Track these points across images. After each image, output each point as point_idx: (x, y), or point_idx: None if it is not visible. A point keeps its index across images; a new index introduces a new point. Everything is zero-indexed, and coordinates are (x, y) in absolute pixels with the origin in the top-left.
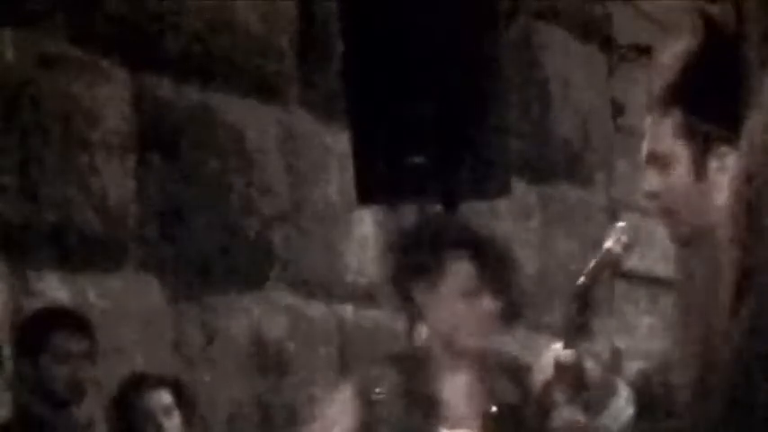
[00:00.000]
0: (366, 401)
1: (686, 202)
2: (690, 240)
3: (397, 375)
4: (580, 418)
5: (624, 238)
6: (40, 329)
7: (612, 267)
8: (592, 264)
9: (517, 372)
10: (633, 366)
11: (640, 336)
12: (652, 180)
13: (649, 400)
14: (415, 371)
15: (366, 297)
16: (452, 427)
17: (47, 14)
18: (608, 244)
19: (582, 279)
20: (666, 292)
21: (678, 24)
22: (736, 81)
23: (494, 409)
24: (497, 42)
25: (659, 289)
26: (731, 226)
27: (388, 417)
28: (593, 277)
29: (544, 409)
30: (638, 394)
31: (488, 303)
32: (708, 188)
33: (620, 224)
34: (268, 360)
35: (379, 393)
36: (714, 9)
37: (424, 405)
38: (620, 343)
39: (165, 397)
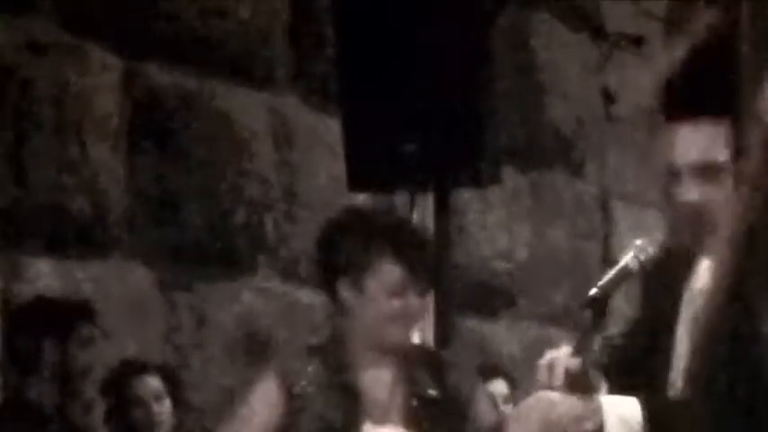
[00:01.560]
0: (288, 393)
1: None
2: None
3: (320, 367)
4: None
5: (642, 256)
6: (39, 315)
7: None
8: (607, 276)
9: (437, 366)
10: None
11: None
12: (692, 190)
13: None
14: (337, 363)
15: None
16: (376, 420)
17: (38, 0)
18: (625, 260)
19: (595, 290)
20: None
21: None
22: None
23: (414, 402)
24: (489, 30)
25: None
26: (735, 229)
27: (311, 409)
28: (608, 290)
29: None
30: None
31: (414, 301)
32: None
33: (639, 242)
34: (258, 347)
35: (301, 385)
36: (713, 14)
37: (347, 398)
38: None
39: (154, 383)
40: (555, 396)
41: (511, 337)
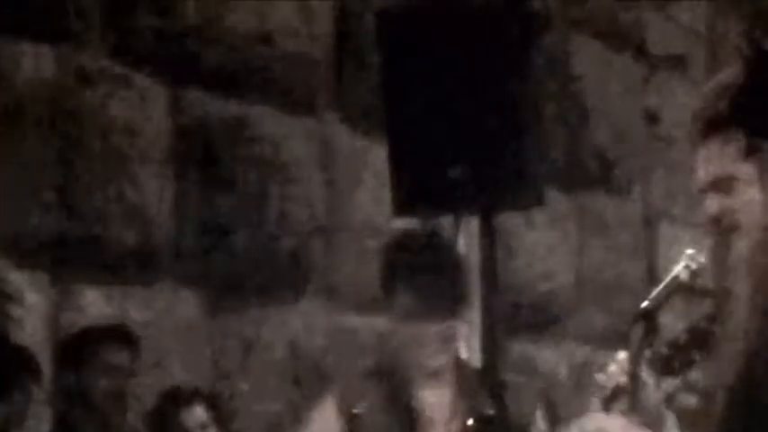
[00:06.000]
0: (348, 416)
1: (754, 221)
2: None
3: (378, 389)
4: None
5: (693, 265)
6: (84, 342)
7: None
8: (658, 288)
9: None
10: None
11: None
12: (713, 205)
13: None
14: (395, 385)
15: None
16: None
17: (85, 30)
18: (676, 270)
19: (647, 302)
20: (700, 301)
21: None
22: None
23: (470, 422)
24: (532, 53)
25: (694, 297)
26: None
27: (370, 431)
28: (659, 301)
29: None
30: None
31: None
32: None
33: (690, 251)
34: (305, 373)
35: (360, 407)
36: (759, 33)
37: (406, 419)
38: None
39: (200, 412)
40: (606, 418)
41: (558, 358)
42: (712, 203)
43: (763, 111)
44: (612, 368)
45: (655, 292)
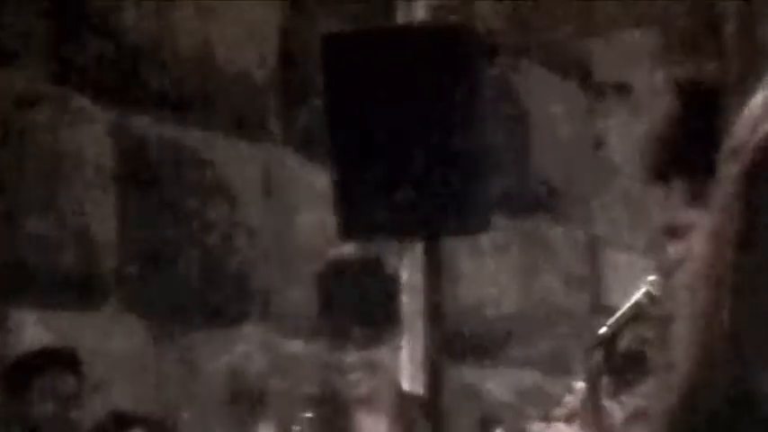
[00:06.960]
0: None
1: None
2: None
3: (316, 416)
4: None
5: (654, 292)
6: (28, 368)
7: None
8: (618, 314)
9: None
10: None
11: None
12: (674, 251)
13: None
14: (333, 413)
15: None
16: None
17: (27, 53)
18: (637, 297)
19: (605, 328)
20: (647, 326)
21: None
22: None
23: None
24: (479, 79)
25: (640, 323)
26: (710, 263)
27: None
28: (619, 327)
29: None
30: None
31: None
32: None
33: (651, 278)
34: (249, 398)
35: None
36: (690, 68)
37: None
38: None
39: None
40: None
41: (502, 384)
42: (673, 249)
43: (703, 154)
44: (569, 398)
45: (614, 319)
